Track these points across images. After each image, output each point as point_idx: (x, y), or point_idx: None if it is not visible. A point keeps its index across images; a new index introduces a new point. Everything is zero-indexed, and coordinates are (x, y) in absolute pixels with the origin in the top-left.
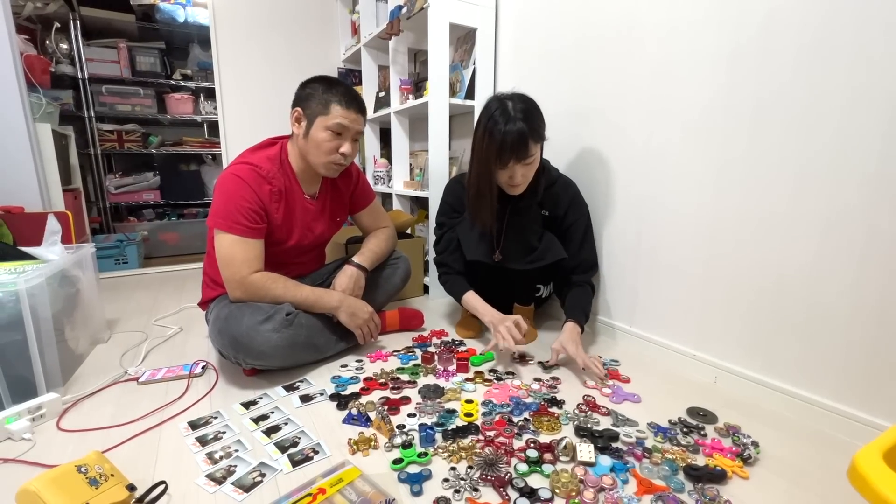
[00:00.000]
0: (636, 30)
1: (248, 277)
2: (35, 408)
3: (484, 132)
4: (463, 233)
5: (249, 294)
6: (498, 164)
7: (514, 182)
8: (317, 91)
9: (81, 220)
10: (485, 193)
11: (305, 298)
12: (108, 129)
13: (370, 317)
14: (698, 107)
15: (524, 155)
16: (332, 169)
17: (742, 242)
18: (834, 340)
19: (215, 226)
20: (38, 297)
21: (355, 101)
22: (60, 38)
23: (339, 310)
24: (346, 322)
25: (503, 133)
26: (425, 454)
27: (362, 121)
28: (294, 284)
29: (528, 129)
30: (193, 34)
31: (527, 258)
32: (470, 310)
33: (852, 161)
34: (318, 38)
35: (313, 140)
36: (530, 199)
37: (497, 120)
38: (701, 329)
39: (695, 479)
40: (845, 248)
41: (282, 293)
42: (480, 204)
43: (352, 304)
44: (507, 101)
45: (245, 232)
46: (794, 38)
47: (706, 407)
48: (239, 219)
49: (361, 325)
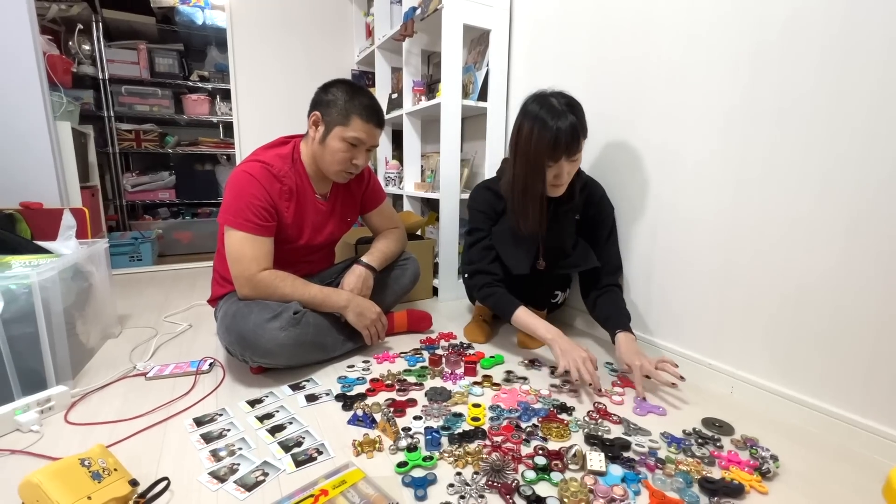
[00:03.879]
0: (653, 32)
1: (256, 275)
2: (44, 400)
3: (532, 129)
4: (501, 245)
5: (258, 291)
6: (551, 160)
7: (560, 181)
8: (339, 98)
9: (98, 216)
10: (535, 194)
11: (313, 297)
12: (126, 128)
13: (378, 317)
14: (717, 110)
15: (575, 149)
16: (343, 176)
17: (762, 249)
18: (858, 351)
19: (226, 222)
20: (50, 290)
21: (376, 115)
22: (83, 39)
23: (347, 309)
24: (354, 322)
25: (556, 128)
26: (430, 458)
27: (380, 133)
28: (302, 283)
29: (578, 122)
30: (211, 36)
31: (560, 263)
32: (523, 328)
33: (877, 165)
34: (333, 41)
35: (329, 148)
36: (569, 202)
37: (545, 116)
38: (717, 337)
39: (710, 492)
40: (870, 255)
41: (290, 291)
42: (528, 206)
43: (360, 303)
44: (550, 97)
45: (255, 229)
46: (817, 40)
47: (722, 418)
48: (249, 216)
49: (369, 326)
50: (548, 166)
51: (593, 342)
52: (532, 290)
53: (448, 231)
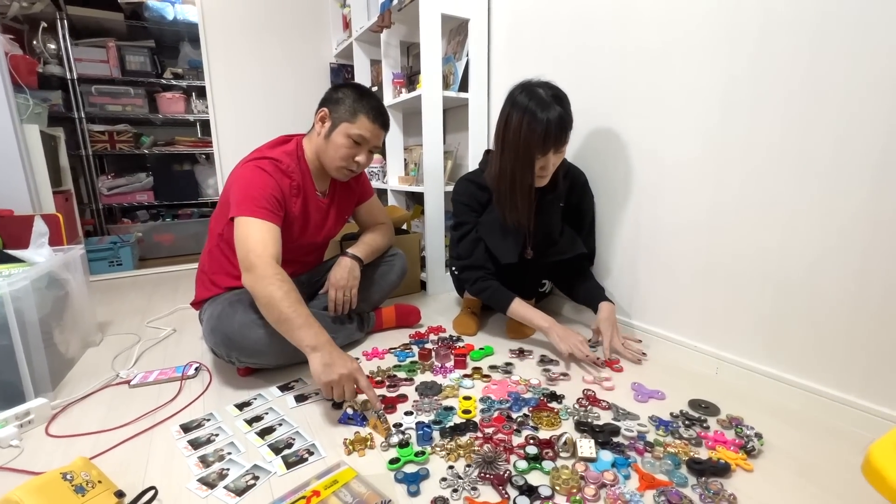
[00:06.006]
0: (632, 18)
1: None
2: (22, 413)
3: (521, 121)
4: (488, 235)
5: (254, 278)
6: (540, 153)
7: (546, 172)
8: (348, 97)
9: (73, 222)
10: (524, 186)
11: (291, 318)
12: (98, 129)
13: (348, 377)
14: (698, 98)
15: (564, 141)
16: (344, 174)
17: (742, 233)
18: (837, 329)
19: (237, 214)
20: (23, 300)
21: (382, 117)
22: (48, 37)
23: (315, 352)
24: (318, 373)
25: (546, 121)
26: (422, 453)
27: (383, 136)
28: (297, 298)
29: (566, 114)
30: (183, 32)
31: (549, 252)
32: (519, 319)
33: (855, 149)
34: (309, 33)
35: (333, 143)
36: (555, 191)
37: (534, 108)
38: (702, 320)
39: (698, 472)
40: (848, 236)
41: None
42: (517, 198)
43: (332, 353)
44: (537, 88)
45: (266, 215)
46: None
47: (708, 399)
48: (262, 203)
49: (334, 383)
50: (537, 158)
51: (584, 328)
52: (521, 280)
53: (434, 224)
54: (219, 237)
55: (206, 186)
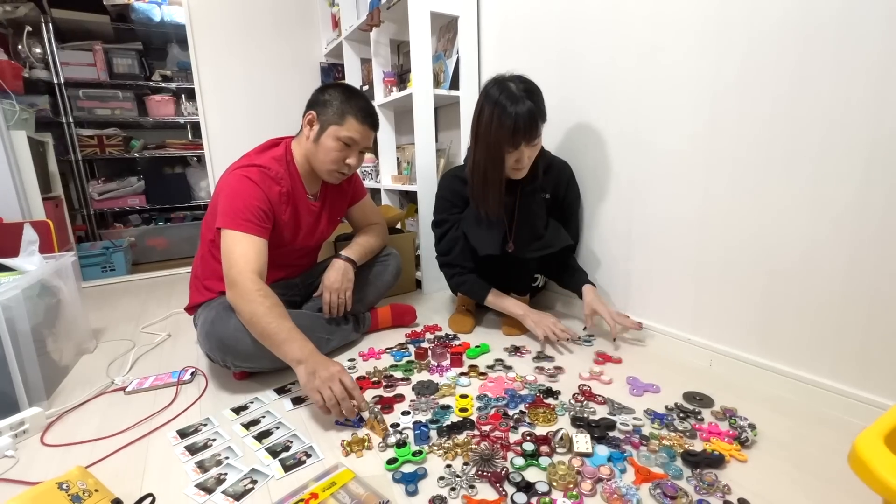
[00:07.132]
0: (622, 12)
1: (243, 273)
2: (17, 423)
3: (492, 116)
4: (469, 228)
5: (236, 293)
6: (510, 146)
7: (521, 165)
8: (335, 99)
9: (64, 228)
10: (494, 179)
11: (275, 332)
12: (87, 134)
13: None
14: (686, 92)
15: (535, 135)
16: (335, 177)
17: (734, 225)
18: (829, 319)
19: (223, 225)
20: (14, 309)
21: (370, 117)
22: (33, 42)
23: (301, 364)
24: (304, 382)
25: (515, 115)
26: (420, 452)
27: (373, 136)
28: (281, 312)
29: (536, 108)
30: (171, 33)
31: (534, 245)
32: (498, 309)
33: (846, 139)
34: (299, 33)
35: (322, 146)
36: (534, 183)
37: (504, 102)
38: (695, 313)
39: (693, 464)
40: (839, 228)
41: (262, 312)
42: (488, 191)
43: (318, 362)
44: (509, 82)
45: (250, 229)
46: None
47: (702, 391)
48: (248, 216)
49: (320, 387)
50: (508, 152)
51: (577, 322)
52: (506, 274)
53: (428, 222)
54: (210, 243)
55: (198, 189)
